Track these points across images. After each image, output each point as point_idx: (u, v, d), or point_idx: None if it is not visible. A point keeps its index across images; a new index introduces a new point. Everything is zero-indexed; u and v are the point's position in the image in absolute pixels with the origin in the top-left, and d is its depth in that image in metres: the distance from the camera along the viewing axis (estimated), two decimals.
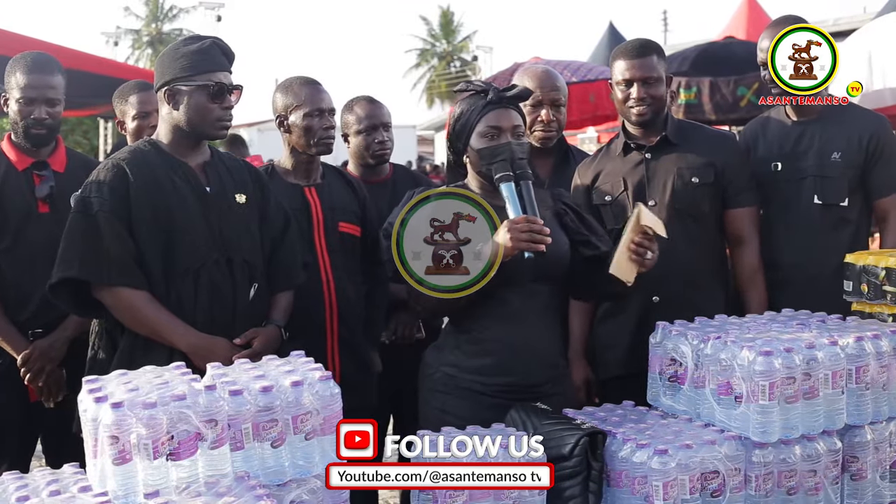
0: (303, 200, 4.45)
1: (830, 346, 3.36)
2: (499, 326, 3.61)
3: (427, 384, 3.72)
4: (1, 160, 4.47)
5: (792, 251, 4.42)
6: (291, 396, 2.84)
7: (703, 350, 3.37)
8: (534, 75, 4.68)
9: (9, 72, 4.45)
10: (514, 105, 3.69)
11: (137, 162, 3.74)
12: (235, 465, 2.74)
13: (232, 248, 3.81)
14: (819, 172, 4.42)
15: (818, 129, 4.47)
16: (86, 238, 3.65)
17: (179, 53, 3.78)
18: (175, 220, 3.71)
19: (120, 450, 2.58)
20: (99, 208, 3.65)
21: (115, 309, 3.66)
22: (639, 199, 4.28)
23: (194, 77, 3.75)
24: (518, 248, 3.41)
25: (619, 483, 3.16)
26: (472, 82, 3.76)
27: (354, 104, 5.07)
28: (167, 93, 3.77)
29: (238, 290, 3.80)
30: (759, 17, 15.41)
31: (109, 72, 12.86)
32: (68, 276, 3.65)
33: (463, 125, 3.67)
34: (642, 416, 3.48)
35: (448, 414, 3.54)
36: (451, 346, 3.70)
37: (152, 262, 3.68)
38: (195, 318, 3.68)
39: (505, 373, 3.59)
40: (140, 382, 2.80)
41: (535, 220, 3.43)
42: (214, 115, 3.78)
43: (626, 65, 4.31)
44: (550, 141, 4.70)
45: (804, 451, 3.33)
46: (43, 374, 4.31)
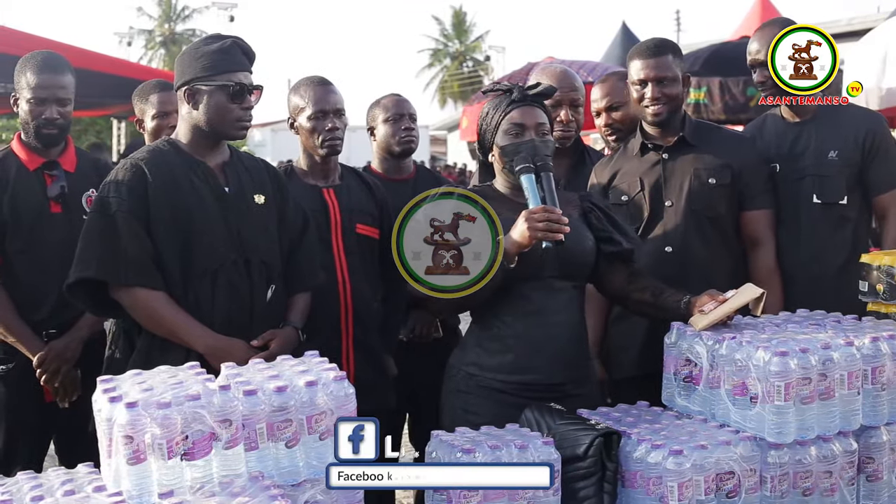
0: (321, 202, 4.45)
1: (846, 346, 3.34)
2: (520, 323, 3.60)
3: (449, 385, 3.72)
4: (12, 160, 4.47)
5: (794, 251, 4.41)
6: (306, 396, 2.84)
7: (718, 350, 3.35)
8: (552, 75, 4.68)
9: (19, 71, 4.44)
10: (539, 103, 3.70)
11: (156, 162, 3.73)
12: (250, 465, 2.75)
13: (250, 249, 3.80)
14: (817, 172, 4.41)
15: (815, 129, 4.47)
16: (104, 238, 3.64)
17: (200, 53, 3.78)
18: (193, 220, 3.70)
19: (134, 450, 2.58)
20: (117, 208, 3.64)
21: (132, 309, 3.66)
22: (655, 199, 4.31)
23: (214, 77, 3.74)
24: (535, 238, 3.41)
25: (633, 484, 3.15)
26: (499, 83, 3.78)
27: (381, 98, 5.13)
28: (187, 92, 3.76)
29: (256, 291, 3.79)
30: (772, 15, 15.37)
31: (123, 72, 12.90)
32: (86, 276, 3.65)
33: (489, 124, 3.70)
34: (657, 416, 3.47)
35: (470, 413, 3.54)
36: (472, 345, 3.70)
37: (170, 262, 3.67)
38: (212, 319, 3.67)
39: (525, 370, 3.58)
40: (154, 382, 2.81)
41: (552, 210, 3.43)
42: (234, 115, 3.77)
43: (642, 64, 4.31)
44: (569, 141, 4.71)
45: (820, 452, 3.31)
46: (59, 374, 4.31)
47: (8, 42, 11.79)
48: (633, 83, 4.34)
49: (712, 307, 3.46)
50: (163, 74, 23.08)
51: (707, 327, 3.44)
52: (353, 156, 7.43)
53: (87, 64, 10.95)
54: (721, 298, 3.48)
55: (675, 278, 3.96)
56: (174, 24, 70.13)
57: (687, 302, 3.55)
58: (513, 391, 3.57)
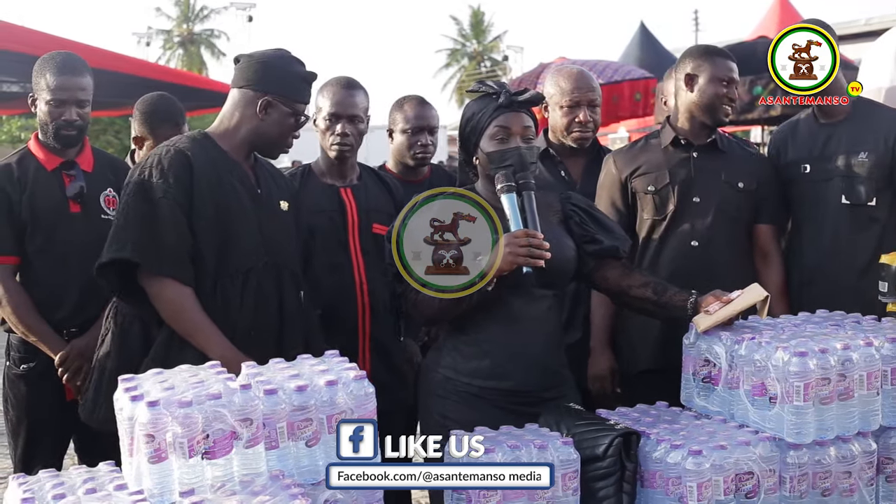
0: (338, 201, 4.46)
1: (865, 346, 3.34)
2: (497, 329, 3.56)
3: (425, 387, 3.68)
4: (30, 160, 4.48)
5: (820, 251, 4.43)
6: (326, 396, 2.85)
7: (737, 351, 3.34)
8: (570, 76, 4.70)
9: (38, 72, 4.44)
10: (526, 108, 3.64)
11: (199, 154, 3.68)
12: (270, 464, 2.75)
13: (279, 254, 3.79)
14: (846, 173, 4.43)
15: (845, 130, 4.48)
16: (144, 222, 3.57)
17: (291, 73, 3.78)
18: (232, 219, 3.67)
19: (156, 448, 2.59)
20: (163, 196, 3.57)
21: (156, 299, 3.59)
22: (684, 195, 4.35)
23: (295, 102, 3.77)
24: (516, 263, 3.37)
25: (653, 483, 3.15)
26: (485, 83, 3.70)
27: (405, 102, 5.08)
28: (263, 101, 3.73)
29: (283, 295, 3.78)
30: (791, 15, 15.35)
31: (141, 72, 12.98)
32: (121, 256, 3.57)
33: (473, 127, 3.63)
34: (676, 416, 3.47)
35: (448, 419, 3.48)
36: (449, 348, 3.65)
37: (206, 259, 3.63)
38: (237, 321, 3.65)
39: (501, 377, 3.55)
40: (176, 381, 2.81)
41: (534, 235, 3.38)
42: (287, 140, 3.83)
43: (731, 66, 4.37)
44: (587, 141, 4.72)
45: (839, 453, 3.31)
46: (81, 373, 4.31)
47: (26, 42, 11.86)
48: (718, 78, 4.35)
49: (717, 308, 3.46)
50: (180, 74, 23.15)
51: (711, 328, 3.44)
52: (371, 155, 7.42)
53: (106, 64, 11.02)
54: (726, 299, 3.47)
55: (699, 272, 4.05)
56: (192, 24, 70.29)
57: (694, 302, 3.52)
58: (489, 396, 3.54)
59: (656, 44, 17.68)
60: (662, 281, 3.73)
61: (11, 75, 13.53)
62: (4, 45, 11.89)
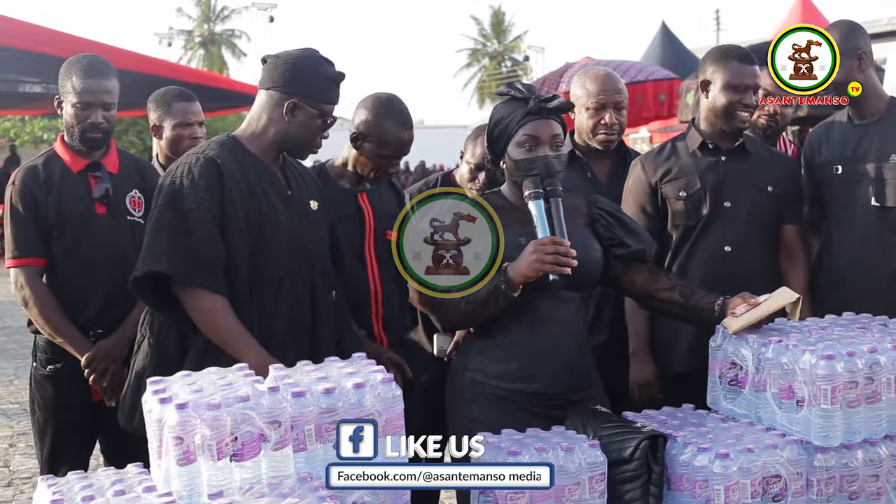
0: (356, 206, 4.41)
1: (893, 350, 3.33)
2: (525, 331, 3.56)
3: (452, 390, 3.69)
4: (56, 163, 4.50)
5: (849, 252, 4.41)
6: (353, 398, 2.86)
7: (764, 354, 3.33)
8: (596, 78, 4.68)
9: (64, 75, 4.45)
10: (555, 116, 3.62)
11: (229, 161, 3.64)
12: (298, 467, 2.76)
13: (312, 256, 3.78)
14: (877, 174, 4.39)
15: (878, 131, 4.45)
16: (176, 233, 3.53)
17: (319, 73, 3.73)
18: (265, 225, 3.64)
19: (184, 450, 2.60)
20: (196, 206, 3.54)
21: (192, 309, 3.55)
22: (715, 199, 4.33)
23: (322, 104, 3.72)
24: (542, 271, 3.38)
25: (680, 486, 3.14)
26: (514, 86, 3.68)
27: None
28: (290, 103, 3.68)
29: (318, 298, 3.76)
30: (813, 14, 15.30)
31: (163, 72, 13.02)
32: (156, 270, 3.54)
33: (501, 132, 3.62)
34: (702, 419, 3.46)
35: (475, 422, 3.46)
36: (475, 352, 3.65)
37: (240, 266, 3.60)
38: (273, 326, 3.63)
39: (529, 379, 3.55)
40: (204, 384, 2.82)
41: (561, 242, 3.39)
42: (315, 142, 3.77)
43: (751, 71, 4.35)
44: (613, 143, 4.70)
45: (866, 456, 3.30)
46: (107, 374, 4.34)
47: (50, 43, 11.94)
48: (731, 85, 4.33)
49: (744, 310, 3.45)
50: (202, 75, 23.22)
51: (740, 330, 3.43)
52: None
53: (129, 65, 11.05)
54: (754, 301, 3.46)
55: (732, 277, 4.04)
56: (213, 24, 70.42)
57: (722, 305, 3.51)
58: (517, 398, 3.54)
59: (678, 44, 17.60)
60: (689, 284, 3.73)
61: (34, 76, 13.61)
62: (27, 45, 11.97)
